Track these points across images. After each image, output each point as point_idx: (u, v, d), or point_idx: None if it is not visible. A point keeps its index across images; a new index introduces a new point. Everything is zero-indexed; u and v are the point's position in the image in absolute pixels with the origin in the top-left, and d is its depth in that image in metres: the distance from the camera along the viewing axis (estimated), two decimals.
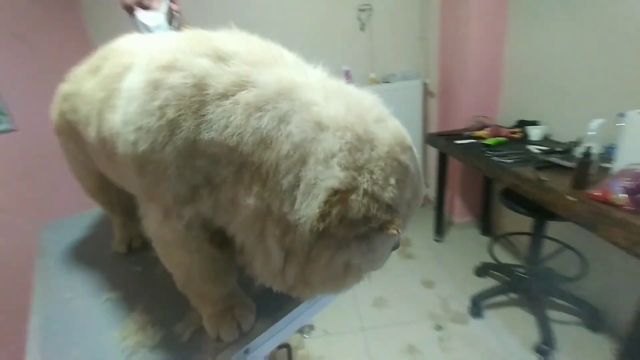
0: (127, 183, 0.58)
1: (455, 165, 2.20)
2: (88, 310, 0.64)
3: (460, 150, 1.70)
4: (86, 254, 0.87)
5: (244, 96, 0.40)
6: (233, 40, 0.45)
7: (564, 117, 1.56)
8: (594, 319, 1.44)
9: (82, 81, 0.61)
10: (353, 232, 0.38)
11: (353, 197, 0.36)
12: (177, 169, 0.42)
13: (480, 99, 2.06)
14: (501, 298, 1.65)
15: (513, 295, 1.66)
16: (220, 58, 0.42)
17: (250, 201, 0.40)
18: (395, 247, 0.49)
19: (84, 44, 2.00)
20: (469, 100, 2.08)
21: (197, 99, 0.40)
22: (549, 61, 1.60)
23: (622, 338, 1.28)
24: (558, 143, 1.51)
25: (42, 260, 0.87)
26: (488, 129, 1.80)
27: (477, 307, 1.59)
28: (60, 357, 0.53)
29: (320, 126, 0.38)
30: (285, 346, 0.65)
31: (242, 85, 0.40)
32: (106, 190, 0.76)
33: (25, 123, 1.52)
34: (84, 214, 1.18)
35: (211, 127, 0.40)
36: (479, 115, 2.03)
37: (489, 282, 1.79)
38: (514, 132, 1.71)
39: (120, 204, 0.81)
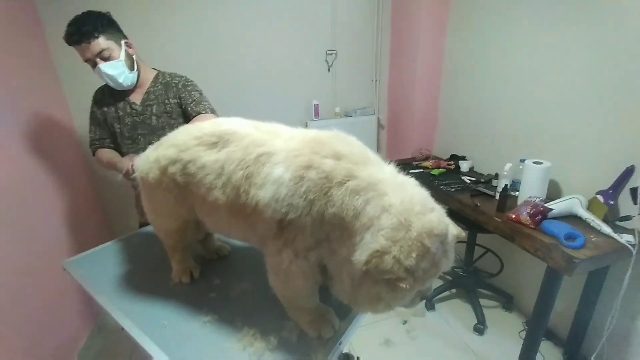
0: (244, 232, 0.78)
1: None
2: (193, 332, 0.79)
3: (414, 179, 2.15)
4: (142, 285, 0.97)
5: (350, 184, 0.63)
6: (342, 145, 0.69)
7: (484, 154, 2.13)
8: (509, 303, 1.99)
9: (197, 152, 0.78)
10: (382, 277, 0.57)
11: (386, 257, 0.56)
12: (311, 230, 0.65)
13: (421, 134, 2.59)
14: (446, 293, 2.13)
15: (454, 290, 2.16)
16: (337, 157, 0.67)
17: (343, 251, 0.64)
18: (423, 298, 0.70)
19: (50, 72, 1.90)
20: (412, 135, 2.59)
21: (327, 185, 0.64)
22: (472, 111, 2.17)
23: (528, 315, 1.83)
24: (481, 174, 2.07)
25: (98, 297, 0.94)
26: (431, 160, 2.30)
27: (430, 302, 2.03)
28: None
29: (384, 209, 0.61)
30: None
31: (350, 177, 0.64)
32: (183, 231, 0.92)
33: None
34: (101, 247, 1.23)
35: (334, 204, 0.63)
36: (422, 148, 2.55)
37: (436, 282, 2.26)
38: (450, 164, 2.23)
39: (185, 243, 0.97)
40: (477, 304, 1.92)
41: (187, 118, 1.36)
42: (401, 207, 0.60)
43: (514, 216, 1.43)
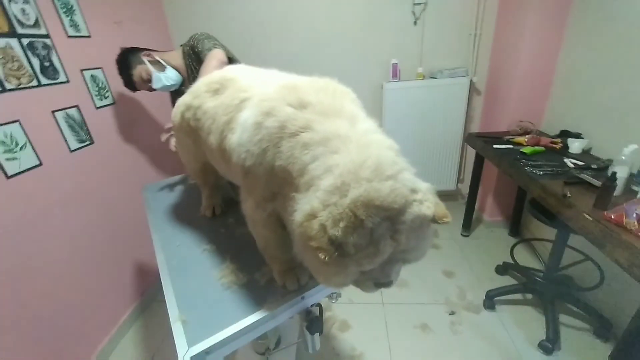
0: (232, 177, 0.83)
1: (491, 165, 2.25)
2: (193, 256, 0.92)
3: (496, 154, 1.78)
4: (181, 213, 1.17)
5: (304, 136, 0.57)
6: (312, 92, 0.62)
7: (607, 134, 1.57)
8: (604, 329, 1.52)
9: (203, 98, 0.84)
10: (307, 243, 0.49)
11: (314, 221, 0.49)
12: (265, 181, 0.63)
13: (527, 103, 2.07)
14: (516, 296, 1.78)
15: (528, 296, 1.78)
16: (301, 106, 0.60)
17: (291, 206, 0.57)
18: (378, 285, 0.58)
19: (164, 33, 2.30)
20: (514, 103, 2.09)
21: (278, 136, 0.59)
22: (602, 75, 1.59)
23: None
24: (596, 159, 1.54)
25: (150, 214, 1.18)
26: (529, 135, 1.84)
27: (490, 301, 1.74)
28: (183, 283, 0.81)
29: (328, 169, 0.52)
30: (318, 305, 0.88)
31: (306, 128, 0.57)
32: (205, 172, 1.03)
33: (121, 97, 1.86)
34: (173, 178, 1.51)
35: (281, 156, 0.58)
36: (523, 120, 2.05)
37: (507, 281, 1.91)
38: (555, 143, 1.74)
39: (211, 182, 1.09)
40: (553, 319, 1.54)
41: None
42: (345, 168, 0.51)
43: (613, 216, 1.04)
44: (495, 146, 1.84)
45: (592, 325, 1.58)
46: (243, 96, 0.72)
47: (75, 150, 1.53)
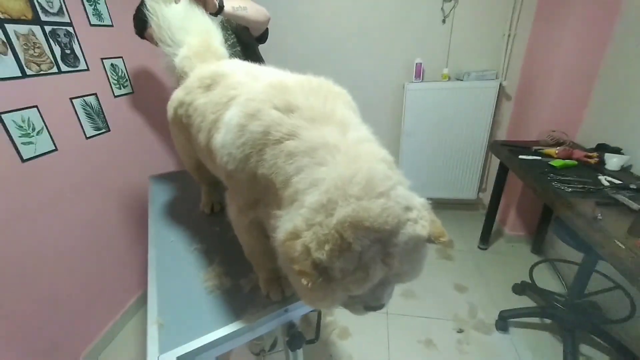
0: (221, 177, 0.79)
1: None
2: (184, 253, 0.90)
3: (521, 165, 1.64)
4: (181, 207, 1.16)
5: (289, 144, 0.52)
6: (301, 94, 0.57)
7: None
8: None
9: (195, 95, 0.80)
10: (289, 265, 0.46)
11: (297, 242, 0.45)
12: (247, 187, 0.59)
13: (562, 111, 1.90)
14: (532, 320, 1.65)
15: (546, 321, 1.65)
16: (288, 110, 0.55)
17: (274, 221, 0.52)
18: (368, 308, 0.52)
19: None
20: (548, 111, 1.93)
21: (262, 142, 0.54)
22: None
23: None
24: (637, 178, 1.38)
25: (151, 207, 1.18)
26: (560, 147, 1.69)
27: (504, 322, 1.62)
28: (169, 283, 0.79)
29: (313, 183, 0.48)
30: (317, 310, 0.84)
31: (292, 135, 0.52)
32: (200, 169, 1.01)
33: (140, 86, 1.88)
34: (181, 171, 1.51)
35: (264, 165, 0.54)
36: (555, 130, 1.89)
37: (524, 302, 1.78)
38: (590, 157, 1.58)
39: (208, 179, 1.06)
40: (573, 349, 1.41)
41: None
42: (332, 183, 0.46)
43: None
44: (521, 156, 1.70)
45: None
46: (232, 94, 0.68)
47: (91, 137, 1.57)
